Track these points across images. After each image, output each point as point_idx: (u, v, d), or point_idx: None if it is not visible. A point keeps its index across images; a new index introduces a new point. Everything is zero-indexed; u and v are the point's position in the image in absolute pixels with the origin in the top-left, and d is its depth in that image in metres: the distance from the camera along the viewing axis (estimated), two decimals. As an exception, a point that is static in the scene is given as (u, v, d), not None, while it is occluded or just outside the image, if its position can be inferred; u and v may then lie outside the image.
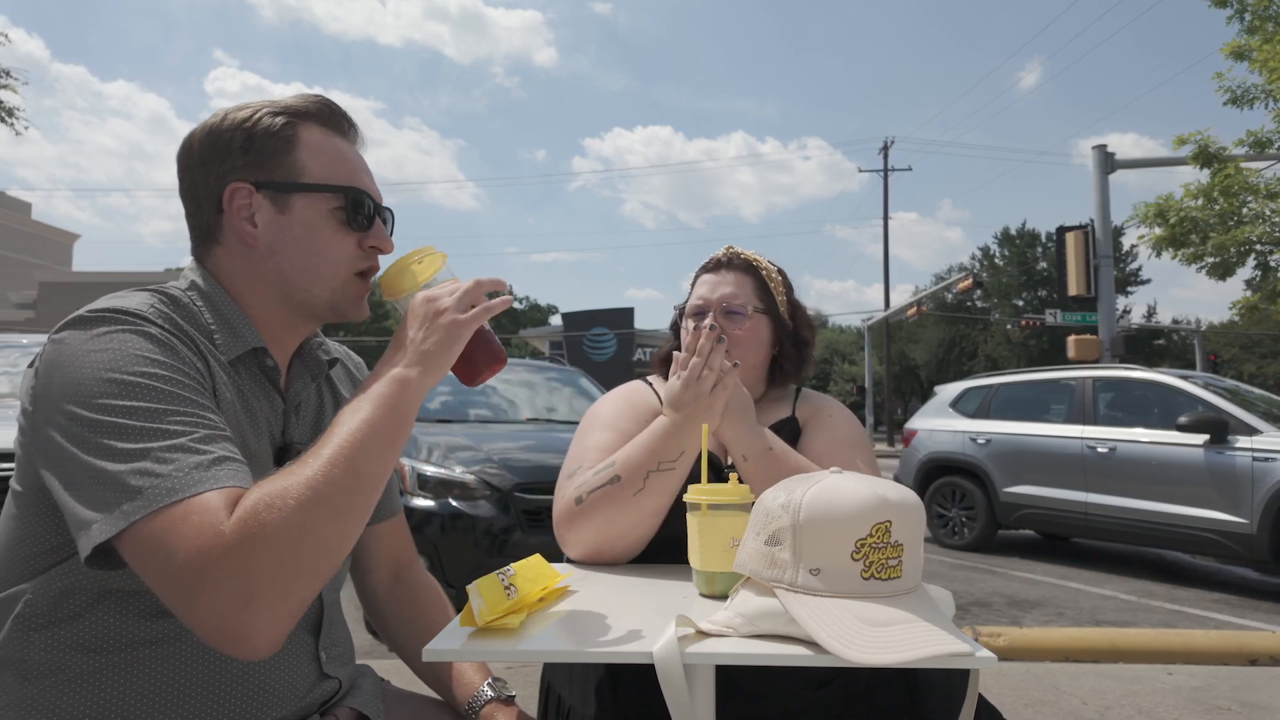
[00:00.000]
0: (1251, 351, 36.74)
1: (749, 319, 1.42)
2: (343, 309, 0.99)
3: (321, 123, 0.97)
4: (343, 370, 1.14)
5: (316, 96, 0.99)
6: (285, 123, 0.95)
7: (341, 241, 0.97)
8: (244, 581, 0.70)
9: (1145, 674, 3.43)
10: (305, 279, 0.96)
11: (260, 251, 0.94)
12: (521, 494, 3.84)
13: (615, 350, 16.62)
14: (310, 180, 0.95)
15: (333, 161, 0.97)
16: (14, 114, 13.45)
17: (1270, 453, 5.19)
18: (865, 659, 0.78)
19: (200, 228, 0.96)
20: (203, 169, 0.94)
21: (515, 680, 3.14)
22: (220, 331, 0.92)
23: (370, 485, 0.80)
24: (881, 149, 32.12)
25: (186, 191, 0.96)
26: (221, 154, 0.93)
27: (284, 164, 0.94)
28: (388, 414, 0.83)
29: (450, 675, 1.11)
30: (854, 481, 0.89)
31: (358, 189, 0.98)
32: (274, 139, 0.94)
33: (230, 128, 0.93)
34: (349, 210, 0.97)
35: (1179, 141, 11.62)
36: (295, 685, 0.94)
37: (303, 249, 0.95)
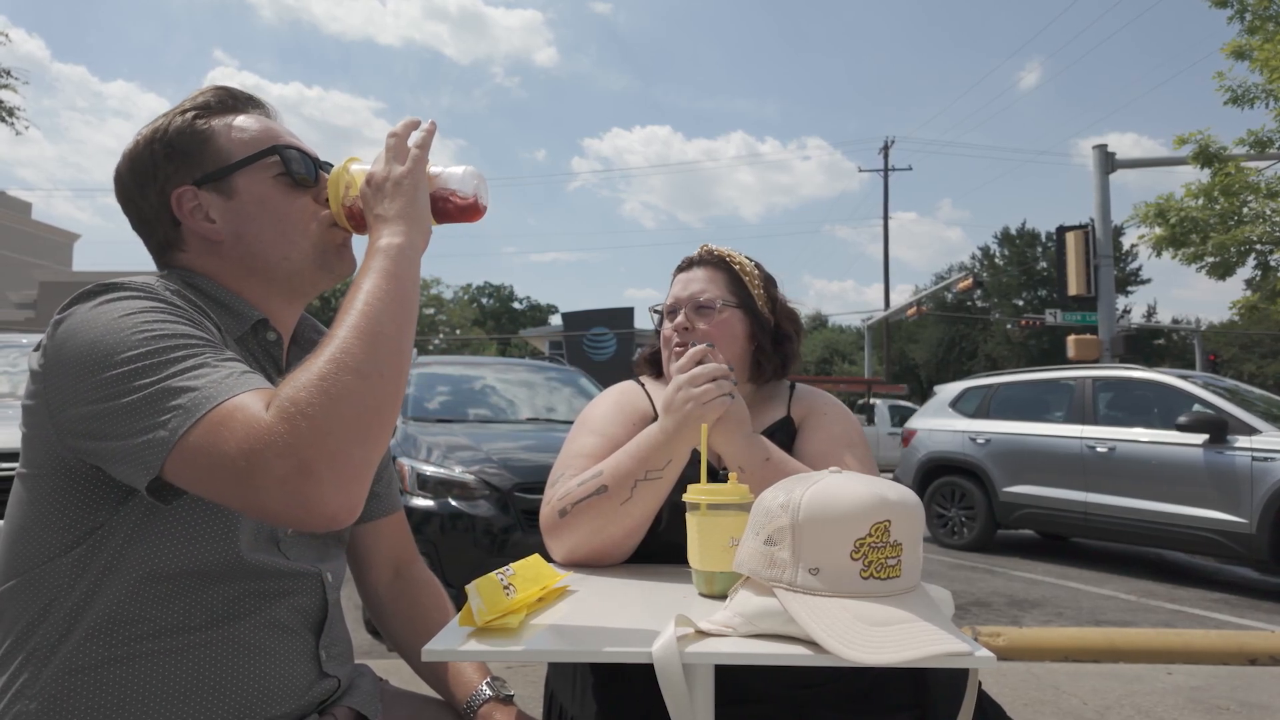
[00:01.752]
0: (1251, 351, 36.74)
1: (720, 313, 1.42)
2: (330, 263, 1.00)
3: (225, 109, 0.99)
4: None
5: (212, 88, 1.00)
6: (194, 118, 0.96)
7: (297, 202, 0.98)
8: (296, 456, 0.71)
9: (1145, 674, 3.43)
10: (280, 248, 0.96)
11: (227, 242, 0.95)
12: (521, 494, 3.83)
13: (615, 350, 16.62)
14: (240, 157, 0.96)
15: (250, 134, 0.98)
16: (14, 114, 13.45)
17: (1269, 452, 5.19)
18: (864, 659, 0.78)
19: (160, 245, 0.98)
20: (140, 191, 0.95)
21: (515, 680, 3.15)
22: (219, 314, 0.92)
23: (389, 345, 0.80)
24: (881, 149, 32.12)
25: (137, 221, 0.98)
26: (151, 171, 0.95)
27: (210, 154, 0.95)
28: (388, 279, 0.83)
29: (449, 674, 1.11)
30: (853, 481, 0.89)
31: (285, 144, 0.99)
32: (190, 136, 0.95)
33: (146, 144, 0.95)
34: (288, 167, 0.98)
35: (1179, 141, 11.61)
36: (295, 683, 0.94)
37: (265, 222, 0.96)
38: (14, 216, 37.29)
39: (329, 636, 1.00)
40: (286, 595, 0.94)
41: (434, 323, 46.62)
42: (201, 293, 0.94)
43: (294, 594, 0.95)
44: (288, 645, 0.93)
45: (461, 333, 46.33)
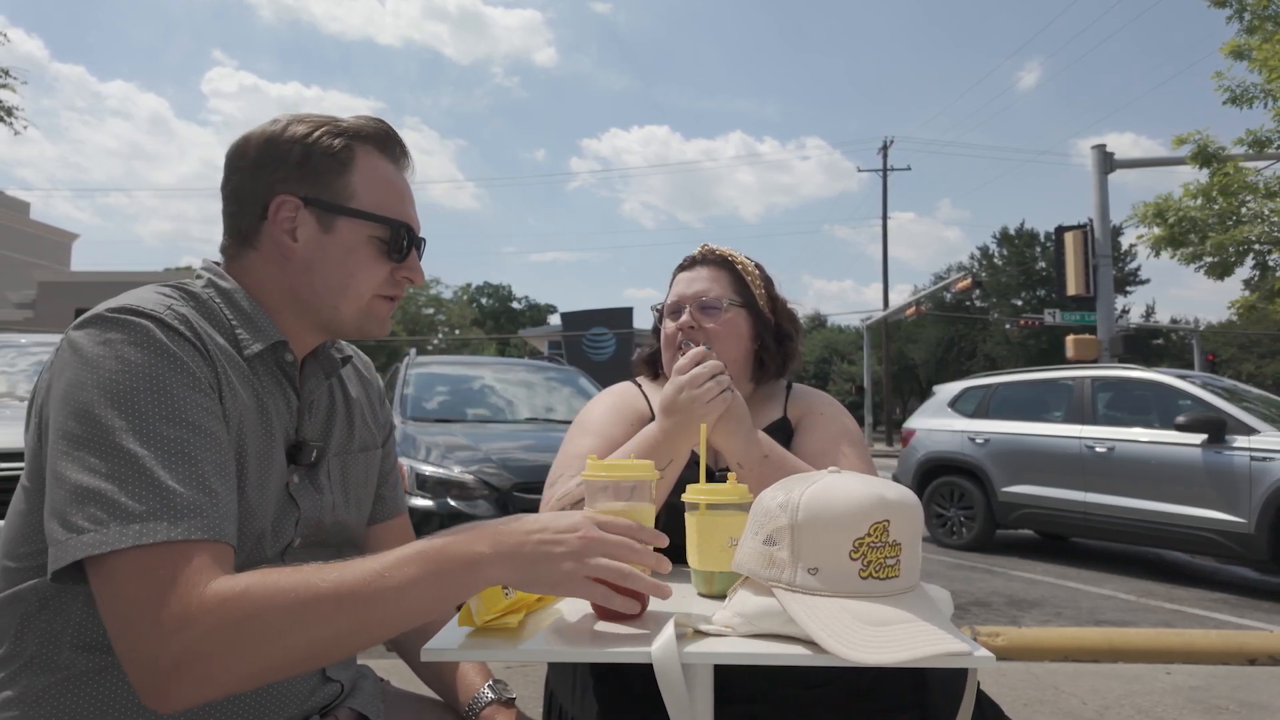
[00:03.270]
0: (1250, 351, 36.75)
1: (725, 312, 1.42)
2: (368, 329, 1.01)
3: (378, 147, 0.99)
4: (352, 369, 1.14)
5: (378, 121, 1.00)
6: (344, 145, 0.96)
7: (376, 268, 0.98)
8: (197, 655, 0.71)
9: (1144, 674, 3.43)
10: (334, 298, 0.97)
11: (295, 265, 0.96)
12: (520, 494, 3.84)
13: (615, 350, 16.61)
14: (359, 206, 0.96)
15: (384, 190, 0.98)
16: (13, 113, 13.44)
17: (1268, 452, 5.20)
18: (864, 658, 0.78)
19: (238, 229, 0.97)
20: (253, 173, 0.95)
21: (515, 680, 3.14)
22: (242, 327, 0.93)
23: (373, 635, 0.77)
24: (881, 149, 32.13)
25: (232, 191, 0.97)
26: (275, 163, 0.94)
27: (336, 185, 0.95)
28: (433, 580, 0.77)
29: (452, 676, 1.11)
30: (852, 481, 0.89)
31: (403, 223, 0.99)
32: (331, 159, 0.95)
33: (290, 140, 0.95)
34: (391, 242, 0.98)
35: (1178, 141, 11.62)
36: (297, 688, 0.94)
37: (337, 270, 0.96)
38: (13, 216, 37.26)
39: None
40: None
41: (433, 323, 46.59)
42: (231, 303, 0.94)
43: None
44: None
45: (460, 332, 46.31)
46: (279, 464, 0.93)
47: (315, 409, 1.02)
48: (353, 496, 1.06)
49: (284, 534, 0.93)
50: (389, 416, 1.21)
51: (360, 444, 1.09)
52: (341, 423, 1.06)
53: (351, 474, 1.06)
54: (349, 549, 1.06)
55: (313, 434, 1.00)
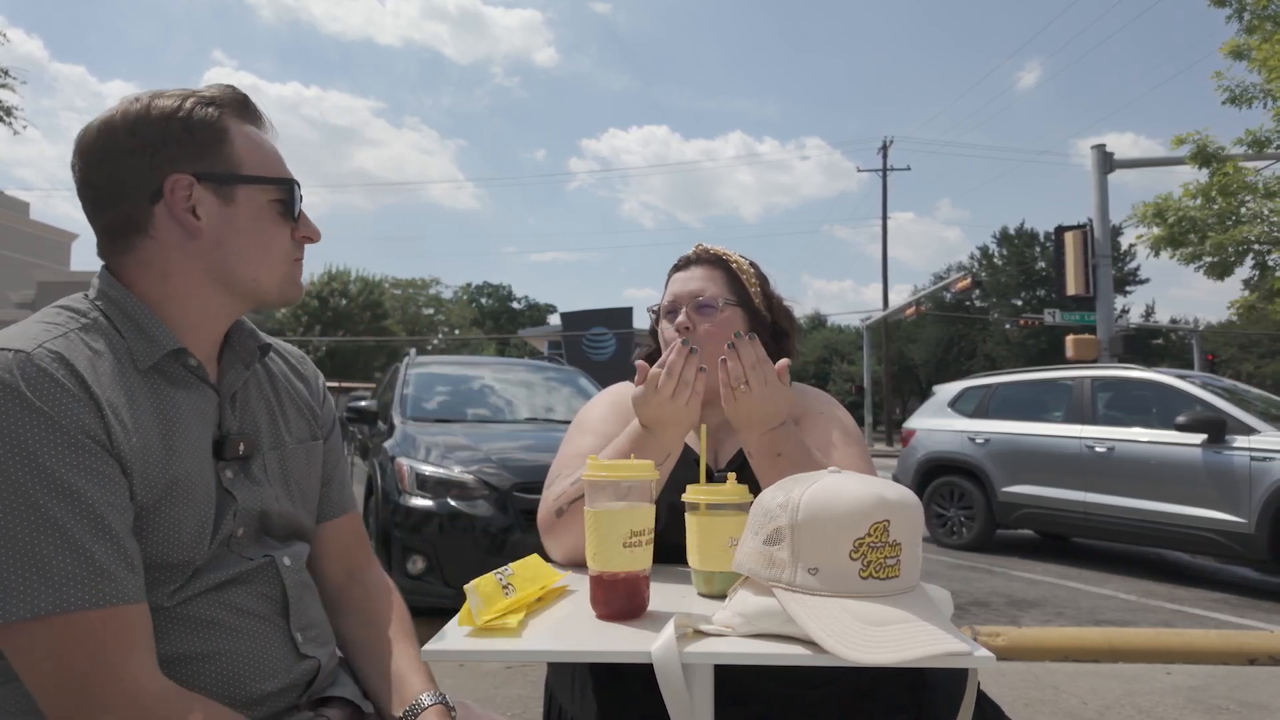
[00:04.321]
0: (1249, 351, 36.77)
1: (720, 312, 1.42)
2: (289, 294, 1.01)
3: (240, 114, 0.98)
4: (280, 360, 1.12)
5: (231, 88, 0.98)
6: (218, 114, 0.94)
7: (281, 232, 0.98)
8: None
9: (1144, 674, 3.43)
10: (252, 269, 0.96)
11: (205, 243, 0.93)
12: (520, 493, 3.83)
13: (614, 350, 16.62)
14: (249, 173, 0.95)
15: (264, 153, 0.98)
16: (12, 113, 13.43)
17: (1268, 452, 5.19)
18: (864, 658, 0.78)
19: (122, 220, 0.93)
20: (131, 158, 0.91)
21: (515, 680, 3.14)
22: (134, 338, 0.90)
23: None
24: (880, 149, 32.14)
25: (105, 183, 0.92)
26: (155, 144, 0.91)
27: (222, 155, 0.94)
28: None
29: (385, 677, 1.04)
30: (852, 481, 0.89)
31: (293, 181, 0.99)
32: (210, 130, 0.93)
33: (162, 117, 0.91)
34: (285, 202, 0.98)
35: (1177, 141, 11.62)
36: (273, 662, 0.94)
37: (251, 241, 0.95)
38: (12, 216, 37.27)
39: (301, 619, 0.99)
40: (243, 583, 0.94)
41: (433, 322, 46.60)
42: (122, 313, 0.91)
43: (251, 581, 0.95)
44: (258, 628, 0.94)
45: (460, 332, 46.32)
46: (204, 463, 0.92)
47: (239, 401, 1.01)
48: (295, 489, 1.05)
49: (224, 526, 0.93)
50: (332, 413, 1.18)
51: (297, 436, 1.08)
52: (274, 414, 1.05)
53: (291, 466, 1.05)
54: (297, 541, 1.05)
55: (238, 426, 0.99)
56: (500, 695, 2.86)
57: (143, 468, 0.85)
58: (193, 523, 0.89)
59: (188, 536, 0.88)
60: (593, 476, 0.97)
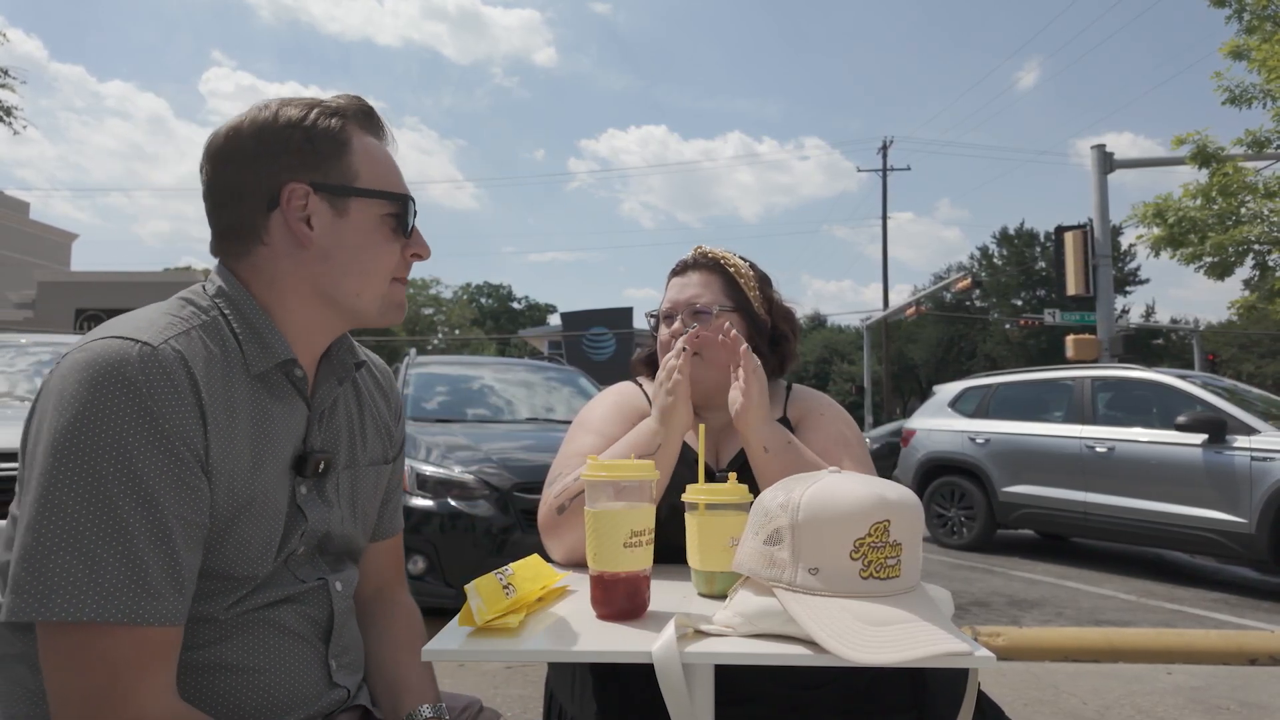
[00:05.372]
0: (1250, 351, 36.75)
1: (717, 318, 1.42)
2: (389, 315, 1.00)
3: (364, 127, 0.98)
4: (370, 377, 1.12)
5: (358, 99, 0.99)
6: (340, 125, 0.94)
7: (390, 248, 0.97)
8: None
9: (1145, 674, 3.43)
10: (357, 284, 0.95)
11: (314, 254, 0.93)
12: (520, 493, 3.83)
13: (614, 350, 16.62)
14: (364, 185, 0.95)
15: (383, 167, 0.97)
16: (12, 113, 13.44)
17: (1268, 452, 5.19)
18: (864, 658, 0.78)
19: (239, 225, 0.93)
20: (254, 165, 0.92)
21: (515, 680, 3.14)
22: (250, 343, 0.90)
23: None
24: (880, 149, 32.14)
25: (228, 186, 0.93)
26: (277, 151, 0.91)
27: (340, 167, 0.94)
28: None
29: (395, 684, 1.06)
30: (852, 481, 0.89)
31: (408, 196, 0.99)
32: (331, 141, 0.93)
33: (286, 125, 0.92)
34: (399, 218, 0.97)
35: (1177, 141, 11.61)
36: (304, 692, 0.93)
37: (357, 255, 0.95)
38: (12, 216, 37.26)
39: (339, 644, 0.99)
40: (294, 602, 0.94)
41: (433, 323, 46.61)
42: (240, 315, 0.91)
43: (301, 602, 0.95)
44: (297, 652, 0.93)
45: (460, 332, 46.32)
46: (283, 479, 0.92)
47: (326, 418, 1.01)
48: (360, 511, 1.05)
49: (289, 544, 0.93)
50: (403, 433, 1.18)
51: (370, 458, 1.07)
52: (355, 434, 1.05)
53: (360, 488, 1.05)
54: (348, 561, 1.05)
55: (321, 443, 0.99)
56: (500, 695, 2.86)
57: (228, 482, 0.85)
58: (262, 537, 0.89)
59: (255, 551, 0.88)
60: (593, 476, 0.97)
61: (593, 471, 0.98)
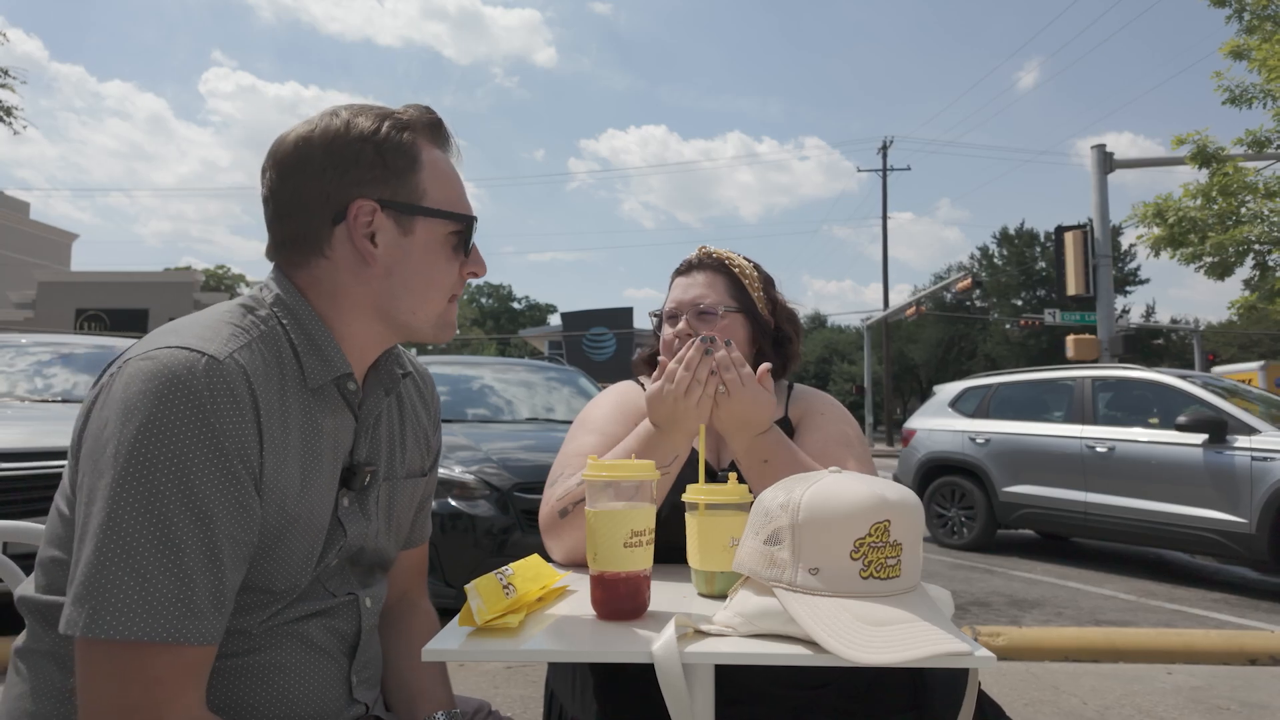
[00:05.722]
0: (1250, 351, 36.72)
1: (721, 319, 1.41)
2: (441, 334, 1.00)
3: (433, 139, 0.96)
4: (413, 386, 1.11)
5: (428, 110, 0.97)
6: (411, 141, 0.93)
7: (450, 268, 0.96)
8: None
9: (1145, 674, 3.43)
10: (414, 302, 0.94)
11: (376, 271, 0.91)
12: (520, 493, 3.84)
13: (615, 350, 16.62)
14: (431, 204, 0.93)
15: (450, 185, 0.96)
16: (12, 113, 13.45)
17: (1269, 452, 5.19)
18: (864, 658, 0.78)
19: (301, 235, 0.91)
20: (322, 176, 0.89)
21: (515, 680, 3.14)
22: (308, 356, 0.89)
23: None
24: (880, 148, 32.14)
25: (294, 195, 0.90)
26: (348, 164, 0.89)
27: (409, 184, 0.92)
28: None
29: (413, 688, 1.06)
30: (853, 481, 0.89)
31: (472, 218, 0.97)
32: (403, 157, 0.91)
33: (359, 139, 0.90)
34: (462, 235, 0.96)
35: (1177, 141, 11.62)
36: (324, 708, 0.92)
37: (418, 274, 0.94)
38: (13, 216, 37.27)
39: (362, 659, 0.99)
40: (323, 617, 0.93)
41: (433, 323, 46.60)
42: (300, 327, 0.90)
43: (330, 616, 0.94)
44: (320, 668, 0.92)
45: (461, 333, 46.35)
46: (330, 490, 0.91)
47: (372, 430, 1.00)
48: (395, 524, 1.04)
49: (326, 558, 0.92)
50: (440, 441, 1.17)
51: (408, 470, 1.07)
52: (395, 445, 1.04)
53: (398, 501, 1.04)
54: (379, 573, 1.04)
55: (367, 455, 0.98)
56: (500, 695, 2.86)
57: (279, 499, 0.84)
58: (304, 551, 0.89)
59: (297, 565, 0.88)
60: (593, 476, 0.97)
61: (593, 472, 0.98)
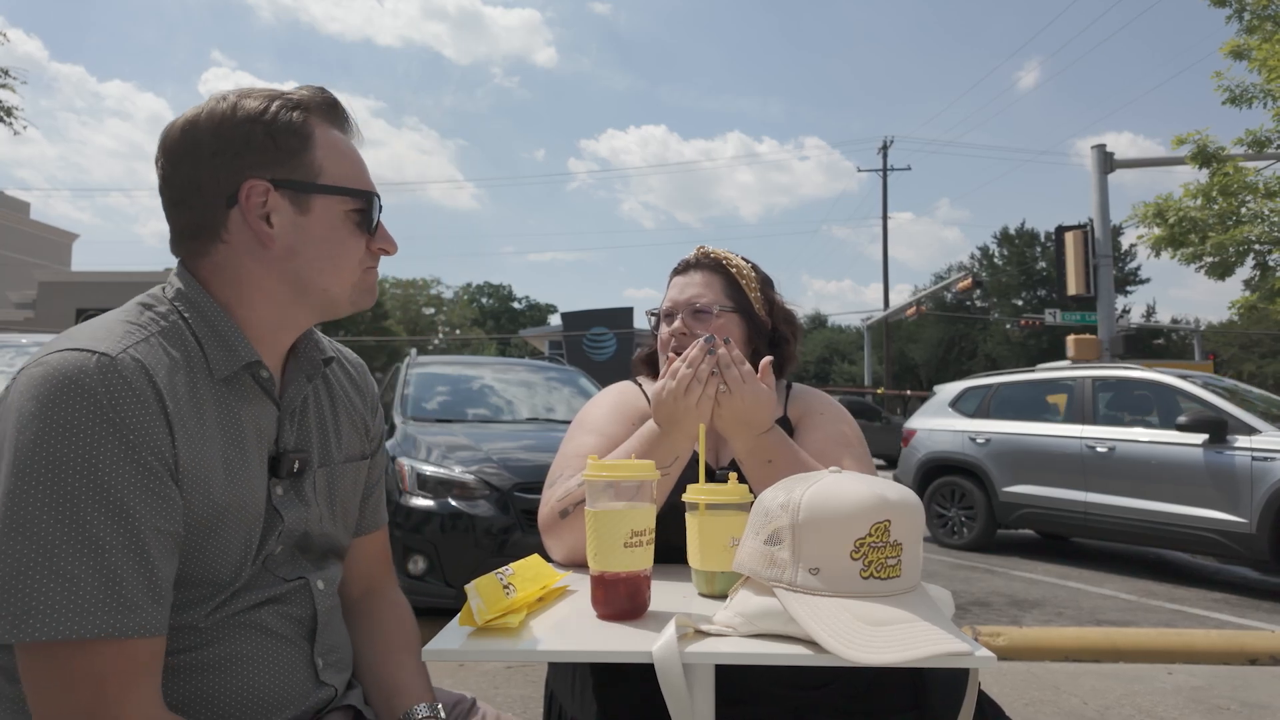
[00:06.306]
0: (1250, 351, 36.76)
1: (717, 318, 1.41)
2: (361, 302, 0.99)
3: (328, 119, 0.96)
4: (342, 372, 1.10)
5: (322, 90, 0.96)
6: (303, 119, 0.92)
7: (355, 244, 0.96)
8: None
9: (1145, 674, 3.43)
10: (325, 278, 0.94)
11: (277, 253, 0.91)
12: (521, 493, 3.84)
13: (615, 350, 16.61)
14: (328, 181, 0.92)
15: (346, 162, 0.95)
16: (12, 113, 13.44)
17: (1269, 452, 5.19)
18: (864, 658, 0.78)
19: (198, 224, 0.91)
20: (213, 161, 0.88)
21: (515, 680, 3.14)
22: (213, 347, 0.89)
23: None
24: (880, 148, 32.14)
25: (185, 182, 0.90)
26: (238, 147, 0.88)
27: (303, 162, 0.91)
28: None
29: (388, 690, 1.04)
30: (853, 481, 0.89)
31: (373, 193, 0.97)
32: (293, 135, 0.91)
33: (246, 119, 0.89)
34: (363, 214, 0.96)
35: (1178, 141, 11.61)
36: (290, 691, 0.92)
37: (323, 252, 0.93)
38: (13, 216, 37.27)
39: (325, 644, 0.98)
40: (275, 603, 0.92)
41: (433, 322, 46.64)
42: (202, 318, 0.89)
43: (283, 602, 0.93)
44: (281, 654, 0.92)
45: (461, 332, 46.35)
46: (260, 478, 0.91)
47: (297, 416, 0.99)
48: (338, 508, 1.03)
49: (266, 546, 0.91)
50: (381, 426, 1.16)
51: (347, 454, 1.05)
52: (329, 430, 1.03)
53: (339, 486, 1.03)
54: (332, 562, 1.03)
55: (295, 443, 0.97)
56: (500, 695, 2.86)
57: (203, 489, 0.84)
58: (240, 542, 0.88)
59: (235, 555, 0.87)
60: (593, 476, 0.97)
61: (593, 472, 0.98)
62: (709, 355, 1.20)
